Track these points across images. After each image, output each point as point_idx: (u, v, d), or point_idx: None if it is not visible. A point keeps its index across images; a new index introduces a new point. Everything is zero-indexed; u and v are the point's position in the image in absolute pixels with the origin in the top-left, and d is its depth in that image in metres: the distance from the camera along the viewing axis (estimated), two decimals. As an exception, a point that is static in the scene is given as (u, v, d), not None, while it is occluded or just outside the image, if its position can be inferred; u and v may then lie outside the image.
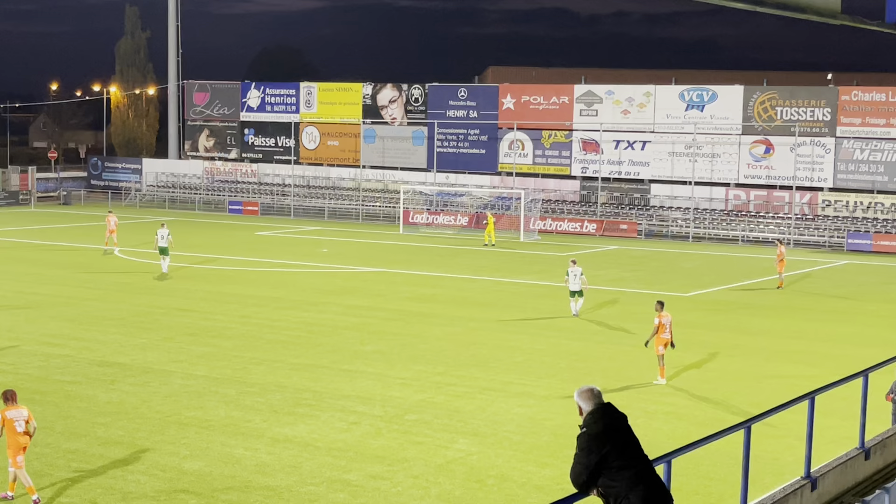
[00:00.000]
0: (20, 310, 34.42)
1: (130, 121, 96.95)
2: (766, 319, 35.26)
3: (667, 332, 25.24)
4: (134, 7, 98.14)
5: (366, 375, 25.72)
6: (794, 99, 62.62)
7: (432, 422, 21.65)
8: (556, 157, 69.86)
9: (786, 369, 27.52)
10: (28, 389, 23.74)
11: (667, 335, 25.24)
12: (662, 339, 25.24)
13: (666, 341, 25.24)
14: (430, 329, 32.11)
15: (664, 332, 25.21)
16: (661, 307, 25.59)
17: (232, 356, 27.64)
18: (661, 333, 25.21)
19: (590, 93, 68.69)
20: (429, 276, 44.15)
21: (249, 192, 79.31)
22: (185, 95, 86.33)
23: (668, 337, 25.27)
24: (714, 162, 64.64)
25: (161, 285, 40.20)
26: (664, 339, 25.23)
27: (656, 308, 25.65)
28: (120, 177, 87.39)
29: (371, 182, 75.48)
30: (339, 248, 54.46)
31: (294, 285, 40.83)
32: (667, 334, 25.24)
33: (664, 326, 25.22)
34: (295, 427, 21.07)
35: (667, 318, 25.39)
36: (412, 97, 75.03)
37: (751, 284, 43.70)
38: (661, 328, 25.19)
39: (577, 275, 34.25)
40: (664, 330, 25.21)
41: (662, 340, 25.23)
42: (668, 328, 25.28)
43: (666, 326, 25.25)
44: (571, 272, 34.39)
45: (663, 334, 25.21)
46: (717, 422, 21.16)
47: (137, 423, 21.11)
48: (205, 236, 59.68)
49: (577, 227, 64.18)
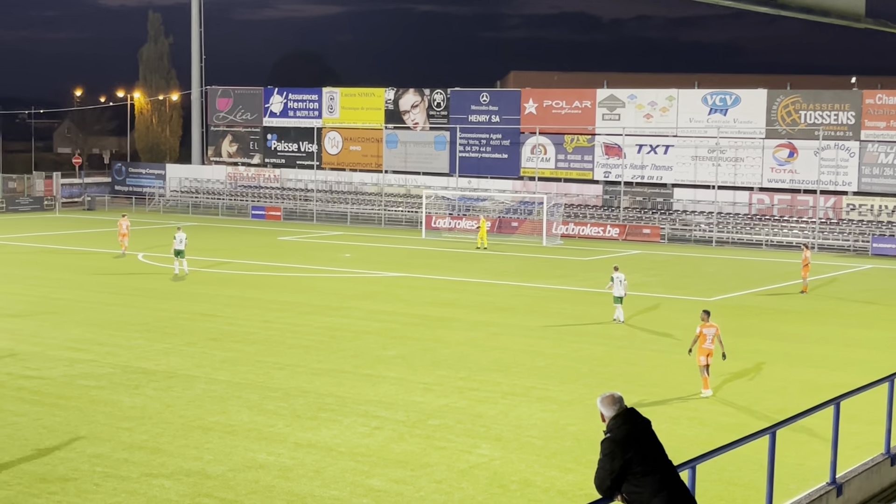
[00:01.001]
0: (45, 315, 34.61)
1: (154, 127, 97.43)
2: (790, 324, 35.07)
3: (708, 342, 24.37)
4: (157, 13, 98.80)
5: (388, 380, 25.72)
6: (817, 102, 62.33)
7: (455, 427, 21.63)
8: (579, 161, 69.76)
9: (810, 374, 27.37)
10: (52, 394, 23.88)
11: (709, 345, 24.36)
12: (704, 350, 24.41)
13: (708, 352, 24.37)
14: (452, 334, 32.09)
15: (705, 343, 24.38)
16: (706, 317, 24.76)
17: (255, 361, 27.70)
18: (702, 343, 24.42)
19: (612, 97, 68.56)
20: (451, 281, 44.13)
21: (272, 198, 79.52)
22: (209, 101, 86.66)
23: (711, 348, 24.37)
24: (737, 166, 64.40)
25: (184, 290, 40.34)
26: (706, 350, 24.38)
27: (701, 317, 24.90)
28: (144, 182, 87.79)
29: (393, 187, 75.55)
30: (362, 253, 54.52)
31: (316, 290, 40.90)
32: (709, 344, 24.36)
33: (705, 337, 24.40)
34: (317, 432, 21.08)
35: (710, 328, 24.52)
36: (434, 102, 75.08)
37: (775, 289, 43.49)
38: (702, 338, 24.41)
39: (621, 280, 34.01)
40: (705, 340, 24.38)
41: (704, 351, 24.41)
42: (709, 339, 24.40)
43: (707, 337, 24.39)
44: (616, 278, 34.11)
45: (704, 344, 24.39)
46: (742, 427, 21.06)
47: (161, 428, 21.17)
48: (228, 241, 59.87)
49: (599, 232, 64.04)
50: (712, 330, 24.45)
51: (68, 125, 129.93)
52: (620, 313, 34.23)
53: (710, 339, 24.36)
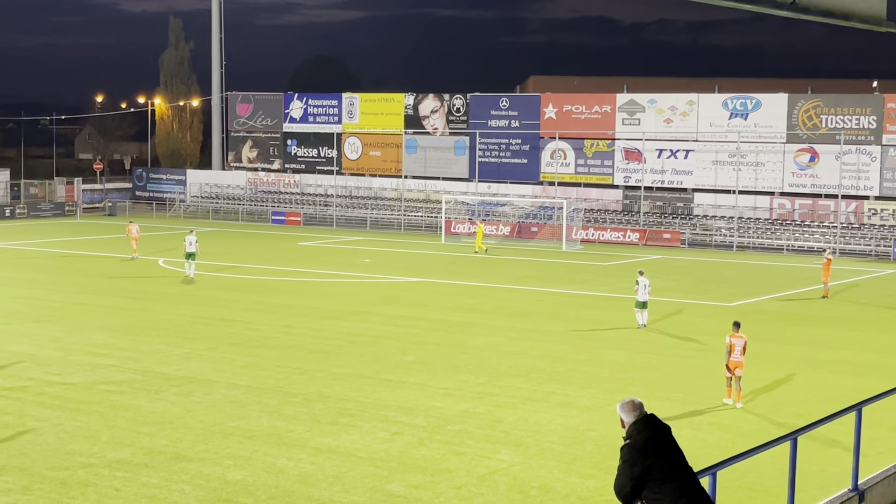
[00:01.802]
0: (66, 320, 34.77)
1: (175, 132, 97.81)
2: (811, 329, 34.92)
3: (737, 353, 23.89)
4: (178, 19, 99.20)
5: (408, 385, 25.72)
6: (839, 107, 62.06)
7: (474, 432, 21.60)
8: (599, 166, 69.66)
9: (832, 380, 27.23)
10: (74, 399, 23.98)
11: (737, 357, 23.89)
12: (733, 362, 23.94)
13: (737, 364, 23.89)
14: (471, 339, 32.07)
15: (734, 354, 23.90)
16: (736, 328, 24.38)
17: (275, 366, 27.75)
18: (731, 355, 23.94)
19: (632, 102, 68.45)
20: (470, 286, 44.11)
21: (292, 203, 79.70)
22: (229, 107, 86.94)
23: (740, 360, 23.89)
24: (758, 170, 64.18)
25: (204, 295, 40.45)
26: (734, 362, 23.91)
27: (732, 328, 24.51)
28: (164, 188, 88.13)
29: (413, 192, 75.61)
30: (381, 258, 54.56)
31: (336, 295, 40.94)
32: (737, 356, 23.88)
33: (734, 347, 23.95)
34: (337, 437, 21.09)
35: (739, 339, 24.07)
36: (454, 107, 75.10)
37: (796, 294, 43.31)
38: (732, 349, 23.95)
39: (646, 285, 33.87)
40: (734, 351, 23.91)
41: (733, 363, 23.94)
42: (738, 350, 23.93)
43: (736, 348, 23.95)
44: (641, 282, 33.91)
45: (732, 355, 23.90)
46: (763, 433, 20.97)
47: (181, 433, 21.22)
48: (248, 246, 60.03)
49: (619, 237, 63.92)
50: (741, 341, 24.05)
51: (89, 131, 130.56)
52: (644, 317, 34.09)
53: (740, 350, 23.96)
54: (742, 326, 24.79)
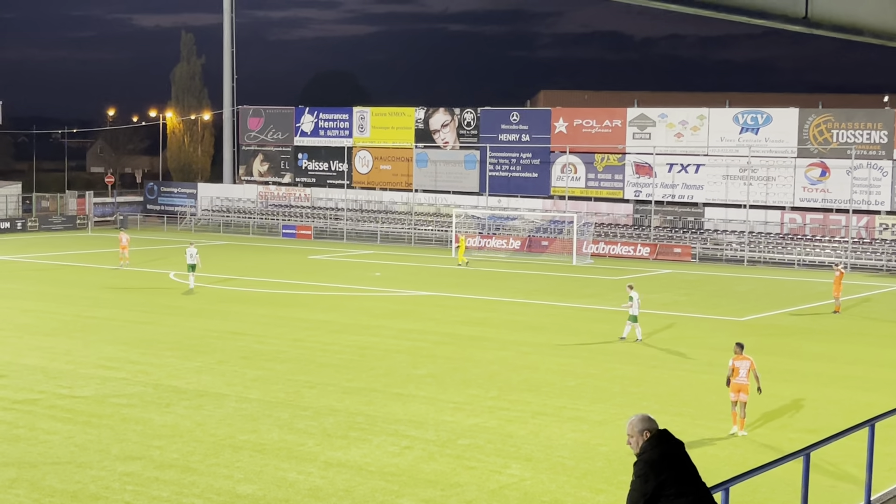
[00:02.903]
0: (77, 333, 34.82)
1: (186, 146, 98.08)
2: (822, 344, 34.82)
3: (741, 376, 22.71)
4: (190, 34, 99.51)
5: (418, 399, 25.69)
6: (850, 121, 61.97)
7: (485, 446, 21.56)
8: (609, 180, 69.65)
9: (844, 395, 27.13)
10: (84, 412, 24.00)
11: (742, 380, 22.71)
12: (735, 386, 22.81)
13: (740, 387, 22.71)
14: (482, 353, 32.03)
15: (738, 377, 22.79)
16: (740, 350, 23.13)
17: (285, 379, 27.75)
18: (734, 378, 22.84)
19: (642, 116, 68.46)
20: (481, 300, 44.09)
21: (303, 216, 79.81)
22: (240, 121, 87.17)
23: (745, 383, 22.69)
24: (769, 185, 64.10)
25: (214, 308, 40.49)
26: (738, 385, 22.78)
27: (735, 350, 23.32)
28: (175, 201, 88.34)
29: (423, 206, 75.65)
30: (392, 272, 54.58)
31: (347, 309, 40.96)
32: (742, 379, 22.71)
33: (737, 371, 22.81)
34: (348, 451, 21.07)
35: (743, 362, 22.90)
36: (464, 121, 75.20)
37: (807, 309, 43.19)
38: (735, 372, 22.82)
39: (636, 299, 34.06)
40: (737, 374, 22.79)
41: (736, 387, 22.81)
42: (742, 373, 22.75)
43: (740, 371, 22.77)
44: (634, 296, 34.06)
45: (736, 379, 22.80)
46: (775, 448, 20.91)
47: (192, 446, 21.22)
48: (258, 260, 60.11)
49: (630, 251, 63.86)
50: (746, 363, 22.92)
51: (101, 145, 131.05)
52: (639, 332, 34.29)
53: (745, 373, 22.81)
54: (754, 341, 24.71)
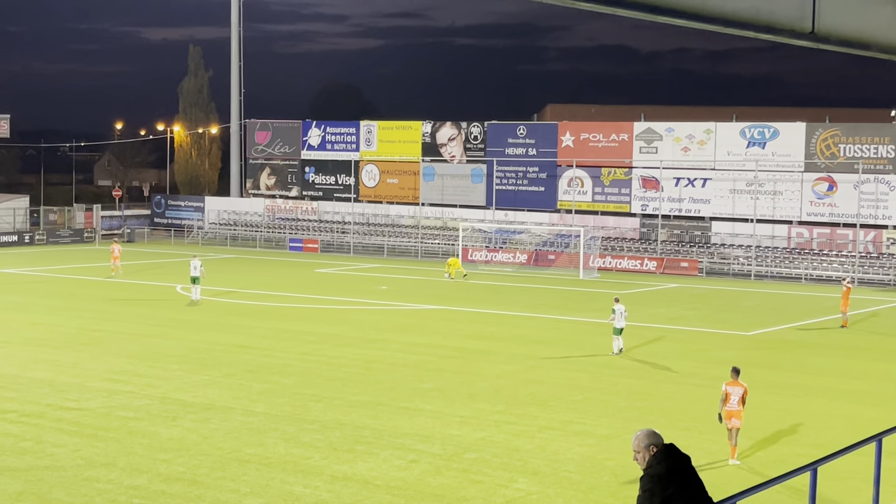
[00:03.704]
0: (84, 346, 34.86)
1: (193, 159, 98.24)
2: (830, 359, 34.74)
3: (732, 402, 21.69)
4: (197, 47, 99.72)
5: (424, 413, 25.67)
6: (856, 136, 61.95)
7: (491, 461, 21.54)
8: (616, 194, 69.65)
9: (851, 410, 27.06)
10: (91, 425, 24.01)
11: (733, 406, 21.68)
12: (728, 412, 21.72)
13: (731, 414, 21.67)
14: (488, 367, 32.01)
15: (729, 403, 21.71)
16: (735, 375, 22.08)
17: (292, 393, 27.75)
18: (726, 404, 21.76)
19: (649, 130, 68.48)
20: (487, 314, 44.08)
21: (310, 230, 79.89)
22: (247, 134, 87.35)
23: (736, 409, 21.66)
24: (776, 199, 64.05)
25: (221, 322, 40.52)
26: (728, 412, 21.69)
27: (731, 375, 22.34)
28: (182, 215, 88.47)
29: (430, 220, 75.68)
30: (398, 286, 54.59)
31: (353, 322, 40.96)
32: (734, 405, 21.68)
33: (729, 397, 21.73)
34: (354, 465, 21.06)
35: (736, 388, 21.83)
36: (471, 135, 75.28)
37: (814, 323, 43.12)
38: (727, 398, 21.74)
39: (622, 312, 34.31)
40: (729, 401, 21.71)
41: (728, 413, 21.71)
42: (734, 399, 21.71)
43: (732, 397, 21.72)
44: (617, 309, 34.41)
45: (727, 405, 21.73)
46: (782, 463, 20.85)
47: (198, 460, 21.23)
48: (265, 273, 60.15)
49: (637, 265, 63.82)
50: (739, 390, 21.79)
51: (109, 158, 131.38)
52: (620, 344, 34.47)
53: (736, 399, 21.67)
54: (761, 356, 24.61)
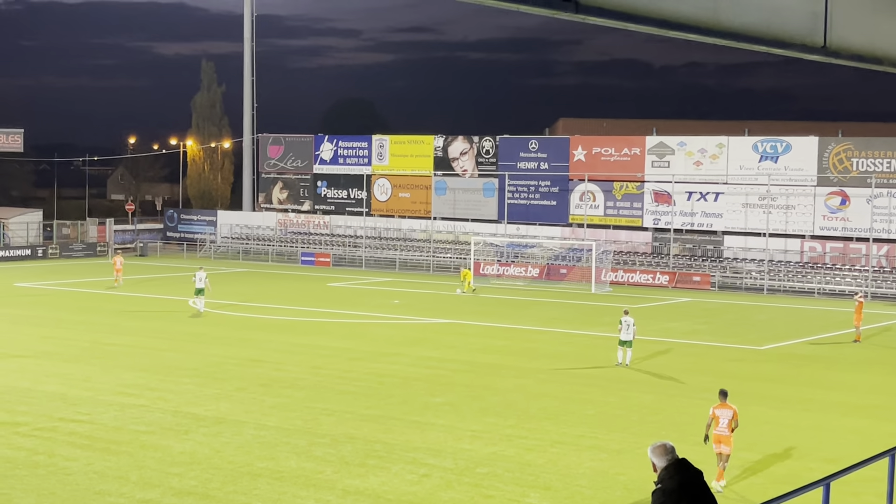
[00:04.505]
0: (96, 359, 34.93)
1: (206, 174, 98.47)
2: (843, 373, 34.62)
3: (722, 426, 20.76)
4: (210, 62, 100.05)
5: (436, 427, 25.65)
6: (869, 150, 61.82)
7: (503, 475, 21.50)
8: (628, 208, 69.60)
9: (864, 424, 26.95)
10: (103, 439, 24.05)
11: (722, 431, 20.74)
12: (715, 437, 20.79)
13: (720, 439, 20.69)
14: (500, 381, 31.97)
15: (717, 427, 20.79)
16: (723, 397, 21.20)
17: (303, 407, 27.75)
18: (714, 428, 20.83)
19: (661, 144, 68.45)
20: (499, 328, 44.04)
21: (322, 244, 79.97)
22: (260, 148, 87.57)
23: (725, 434, 20.71)
24: (788, 213, 63.93)
25: (233, 336, 40.55)
26: (717, 437, 20.75)
27: (718, 397, 21.36)
28: (195, 229, 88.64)
29: (442, 233, 75.72)
30: (410, 300, 54.59)
31: (365, 336, 40.97)
32: (723, 430, 20.75)
33: (717, 420, 20.82)
34: (366, 479, 21.04)
35: (725, 410, 20.93)
36: (483, 149, 75.35)
37: (827, 338, 42.98)
38: (715, 422, 20.82)
39: (629, 325, 34.36)
40: (717, 424, 20.79)
41: (718, 438, 20.75)
42: (723, 423, 20.78)
43: (720, 420, 20.80)
44: (624, 322, 34.47)
45: (716, 429, 20.80)
46: (794, 478, 20.76)
47: (210, 474, 21.23)
48: (277, 287, 60.22)
49: (649, 279, 63.72)
50: (728, 412, 20.91)
51: (122, 172, 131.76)
52: (628, 356, 34.58)
53: (725, 423, 20.78)
54: (774, 370, 24.50)
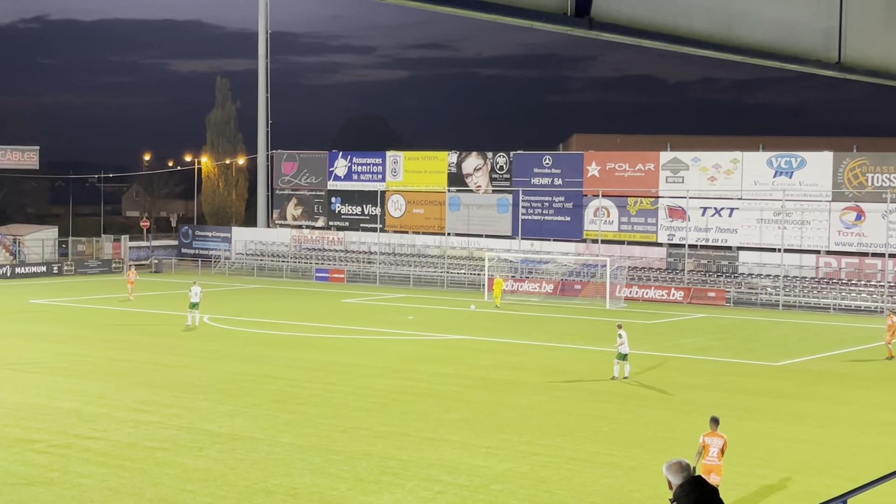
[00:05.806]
0: (111, 376, 34.98)
1: (220, 190, 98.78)
2: (859, 390, 34.43)
3: (712, 455, 19.79)
4: (225, 79, 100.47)
5: (450, 444, 25.59)
6: (884, 165, 61.62)
7: (518, 492, 21.43)
8: (642, 224, 69.48)
9: (882, 441, 26.79)
10: (118, 456, 24.06)
11: (712, 460, 19.77)
12: (705, 467, 19.61)
13: (710, 469, 19.53)
14: (514, 397, 31.90)
15: (708, 457, 19.80)
16: (714, 425, 20.27)
17: (317, 423, 27.73)
18: (704, 458, 19.81)
19: (675, 160, 68.36)
20: (513, 344, 43.97)
21: (336, 260, 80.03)
22: (274, 165, 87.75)
23: (716, 464, 19.74)
24: (804, 229, 63.73)
25: (247, 352, 40.57)
26: (707, 467, 19.59)
27: (710, 425, 20.41)
28: (210, 245, 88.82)
29: (456, 249, 75.70)
30: (424, 316, 54.56)
31: (379, 352, 40.95)
32: (713, 459, 19.78)
33: (708, 449, 19.84)
34: (380, 496, 20.99)
35: (715, 439, 19.97)
36: (497, 165, 75.38)
37: (844, 354, 42.77)
38: (706, 451, 19.84)
39: (626, 338, 34.68)
40: (707, 453, 19.81)
41: (706, 468, 19.54)
42: (714, 452, 19.82)
43: (710, 449, 19.82)
44: (623, 335, 34.66)
45: (706, 459, 19.80)
46: (811, 495, 20.64)
47: (225, 491, 21.22)
48: (292, 304, 60.26)
49: (663, 295, 63.57)
50: (719, 441, 19.99)
51: (137, 189, 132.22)
52: (627, 370, 34.78)
53: (716, 452, 19.84)
54: (790, 386, 24.40)
